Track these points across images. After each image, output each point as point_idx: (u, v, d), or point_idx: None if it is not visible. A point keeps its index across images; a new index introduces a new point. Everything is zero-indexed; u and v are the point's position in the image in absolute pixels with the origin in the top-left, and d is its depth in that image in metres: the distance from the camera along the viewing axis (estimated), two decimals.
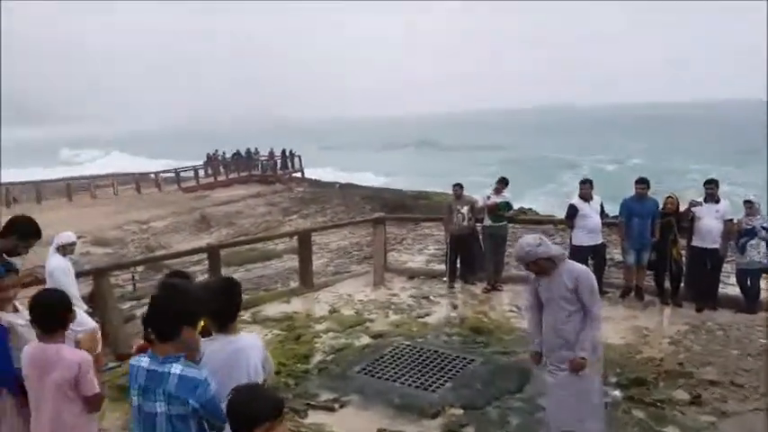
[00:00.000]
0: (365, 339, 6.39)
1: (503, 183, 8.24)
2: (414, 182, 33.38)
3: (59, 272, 5.29)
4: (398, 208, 18.60)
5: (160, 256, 11.91)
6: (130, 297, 10.32)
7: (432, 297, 7.95)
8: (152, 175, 30.39)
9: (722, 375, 5.15)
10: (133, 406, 2.26)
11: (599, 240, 7.49)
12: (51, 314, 2.78)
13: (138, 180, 28.75)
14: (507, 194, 8.26)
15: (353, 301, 7.84)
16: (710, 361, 5.49)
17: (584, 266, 3.93)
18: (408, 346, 6.06)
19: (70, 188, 26.05)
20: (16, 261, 3.65)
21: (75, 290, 5.47)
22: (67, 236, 5.63)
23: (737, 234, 6.74)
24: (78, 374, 2.73)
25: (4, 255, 3.64)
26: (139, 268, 12.14)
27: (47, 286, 4.87)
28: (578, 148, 56.91)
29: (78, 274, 5.83)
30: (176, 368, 2.12)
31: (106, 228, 19.14)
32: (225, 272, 8.73)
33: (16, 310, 3.17)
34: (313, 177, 31.99)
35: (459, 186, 8.40)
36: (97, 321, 5.60)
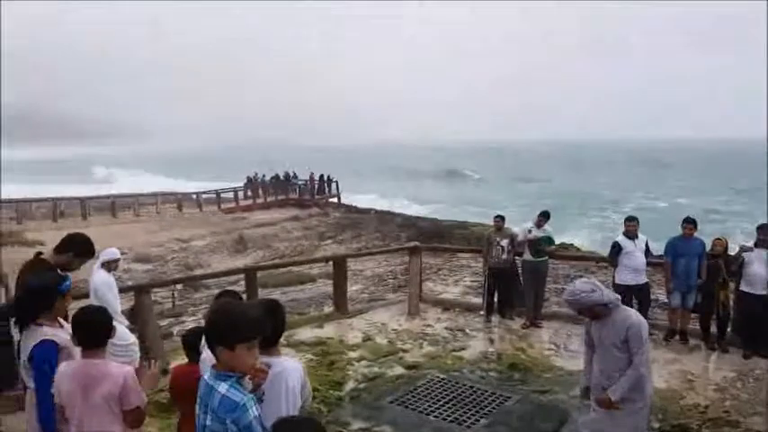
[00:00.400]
0: (399, 369, 6.33)
1: (544, 216, 8.11)
2: (449, 211, 33.31)
3: (104, 287, 5.40)
4: (435, 237, 18.56)
5: (199, 276, 12.16)
6: (168, 314, 10.53)
7: (468, 330, 7.83)
8: (194, 196, 31.20)
9: None
10: (196, 414, 2.32)
11: (643, 280, 7.27)
12: (94, 331, 2.83)
13: (181, 200, 29.55)
14: (549, 228, 8.13)
15: (387, 330, 7.80)
16: (758, 410, 5.24)
17: (639, 315, 3.80)
18: (443, 379, 5.97)
19: (115, 205, 26.90)
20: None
21: (118, 305, 5.60)
22: (112, 252, 5.73)
23: None
24: (124, 387, 2.76)
25: (60, 270, 3.75)
26: (178, 286, 12.41)
27: (90, 301, 5.02)
28: (619, 184, 55.88)
29: (120, 290, 5.94)
30: (222, 387, 2.13)
31: (148, 245, 19.68)
32: (261, 294, 8.83)
33: (60, 326, 3.20)
34: (349, 203, 32.29)
35: (500, 218, 8.30)
36: (137, 337, 5.70)
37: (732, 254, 6.85)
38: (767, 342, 6.64)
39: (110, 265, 5.66)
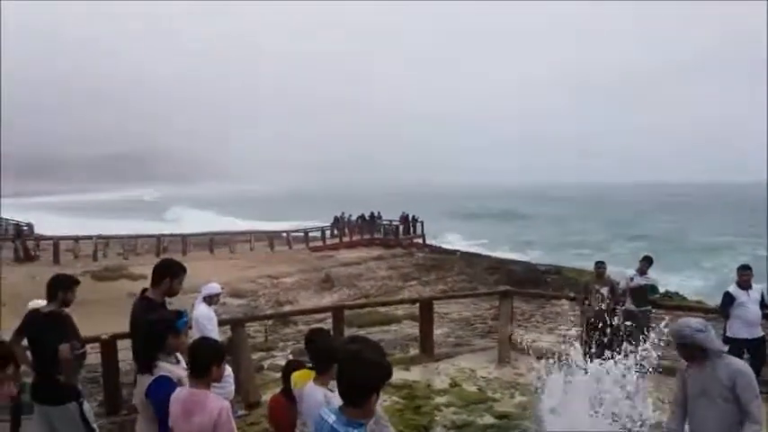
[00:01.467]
0: (489, 419, 6.15)
1: (647, 261, 7.70)
2: (536, 255, 32.28)
3: (205, 320, 5.70)
4: (525, 282, 17.99)
5: (289, 312, 12.57)
6: (260, 348, 10.89)
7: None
8: (284, 234, 32.54)
9: None
10: None
11: (758, 334, 6.68)
12: (204, 362, 2.98)
13: (272, 237, 30.90)
14: (653, 276, 7.68)
15: (476, 377, 7.60)
16: None
17: (742, 361, 3.62)
18: (536, 430, 5.69)
19: (213, 242, 28.57)
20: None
21: (217, 337, 5.87)
22: (214, 287, 6.08)
23: None
24: (218, 422, 2.87)
25: (167, 297, 3.94)
26: (269, 321, 12.85)
27: (192, 333, 5.28)
28: (712, 228, 51.70)
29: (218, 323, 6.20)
30: None
31: (241, 281, 20.64)
32: (347, 332, 8.94)
33: (177, 361, 3.36)
34: (434, 244, 32.24)
35: (602, 264, 7.96)
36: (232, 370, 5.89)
37: None
38: None
39: (211, 300, 5.99)
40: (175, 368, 3.27)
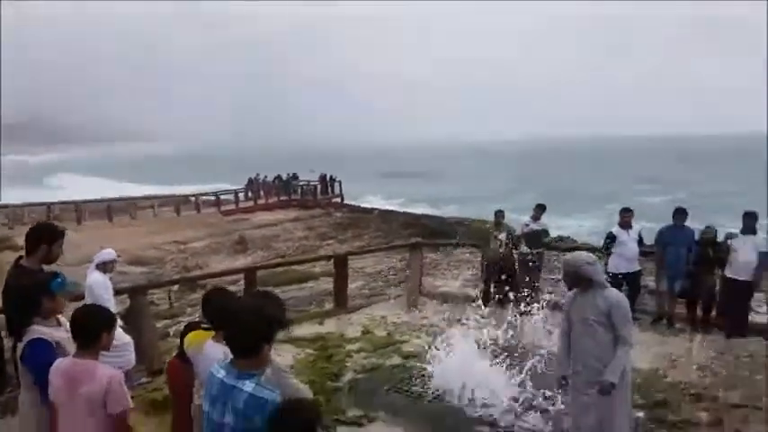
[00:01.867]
0: (396, 359, 6.51)
1: (540, 209, 8.31)
2: (450, 210, 33.42)
3: (100, 288, 5.36)
4: (437, 234, 18.68)
5: (196, 276, 12.25)
6: (165, 315, 10.62)
7: (464, 321, 8.00)
8: (192, 198, 31.31)
9: (746, 399, 5.16)
10: (203, 411, 2.34)
11: (635, 268, 7.50)
12: (90, 330, 2.78)
13: (178, 202, 29.62)
14: (545, 221, 8.33)
15: (387, 323, 7.98)
16: (735, 386, 5.48)
17: (620, 293, 4.03)
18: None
19: (111, 209, 26.72)
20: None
21: (113, 306, 5.56)
22: (108, 253, 5.69)
23: None
24: (109, 389, 2.70)
25: (45, 265, 3.58)
26: (175, 287, 12.51)
27: (86, 301, 4.89)
28: (620, 178, 55.96)
29: (115, 292, 5.90)
30: (248, 386, 2.16)
31: (144, 248, 19.71)
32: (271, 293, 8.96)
33: (59, 324, 3.13)
34: (353, 203, 32.43)
35: (500, 213, 8.50)
36: (132, 338, 5.68)
37: (719, 241, 7.04)
38: (747, 323, 6.87)
39: (105, 267, 5.58)
40: (53, 330, 3.06)
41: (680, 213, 7.31)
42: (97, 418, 2.69)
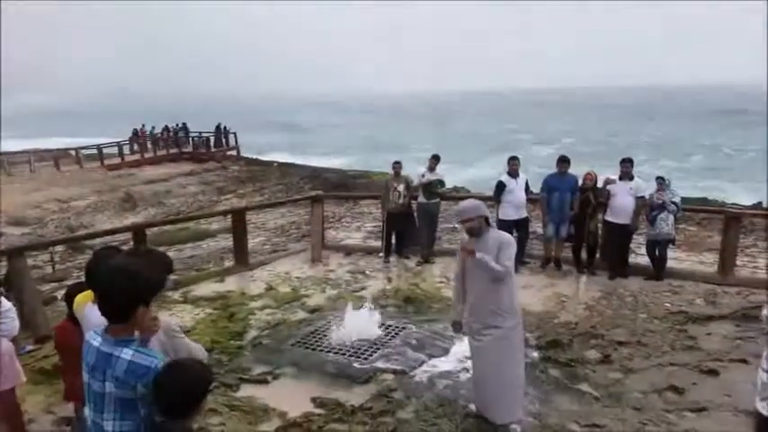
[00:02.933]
0: (301, 314, 6.49)
1: (435, 159, 8.48)
2: (354, 161, 33.36)
3: None
4: (339, 187, 18.64)
5: (81, 236, 11.35)
6: (50, 278, 9.85)
7: (368, 272, 8.13)
8: (72, 152, 28.57)
9: (630, 336, 5.64)
10: (84, 381, 2.20)
11: (523, 215, 7.90)
12: None
13: (58, 157, 26.97)
14: (440, 172, 8.52)
15: (290, 278, 7.89)
16: (620, 324, 5.99)
17: (507, 234, 4.30)
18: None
19: None
20: None
21: None
22: None
23: (649, 208, 7.28)
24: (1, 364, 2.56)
25: None
26: (59, 248, 11.57)
27: None
28: (512, 129, 58.67)
29: None
30: (126, 353, 2.03)
31: (22, 207, 17.97)
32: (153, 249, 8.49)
33: None
34: (250, 156, 31.20)
35: (397, 164, 8.55)
36: (14, 304, 5.33)
37: (599, 187, 7.59)
38: (627, 264, 7.57)
39: None
40: None
41: (563, 161, 7.76)
42: None
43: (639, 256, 8.03)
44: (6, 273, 6.28)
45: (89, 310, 2.85)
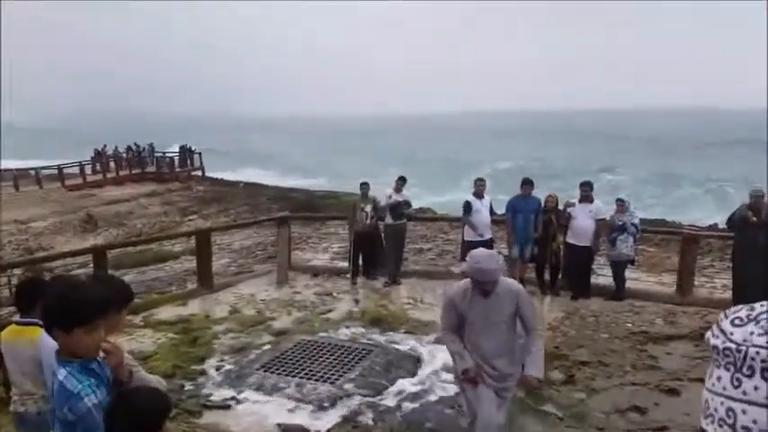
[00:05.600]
0: (266, 338, 6.38)
1: (402, 181, 8.55)
2: (323, 183, 33.28)
3: None
4: (306, 208, 18.52)
5: (40, 258, 10.99)
6: (7, 302, 9.45)
7: (335, 293, 8.07)
8: (31, 172, 27.74)
9: (593, 356, 5.72)
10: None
11: (488, 236, 8.00)
12: None
13: (16, 177, 26.14)
14: (406, 193, 8.59)
15: (255, 301, 7.77)
16: (583, 344, 6.08)
17: (514, 280, 3.82)
18: (310, 341, 6.13)
19: None
20: None
21: None
22: None
23: (609, 229, 7.46)
24: None
25: None
26: (16, 271, 11.11)
27: None
28: (479, 152, 59.61)
29: None
30: (61, 374, 1.98)
31: None
32: (117, 276, 8.25)
33: None
34: (214, 176, 30.85)
35: (365, 185, 8.57)
36: None
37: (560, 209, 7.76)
38: (589, 285, 7.72)
39: None
40: None
41: (527, 184, 7.92)
42: None
43: (601, 276, 8.19)
44: None
45: (45, 338, 2.77)
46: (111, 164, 29.69)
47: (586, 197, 7.55)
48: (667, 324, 6.68)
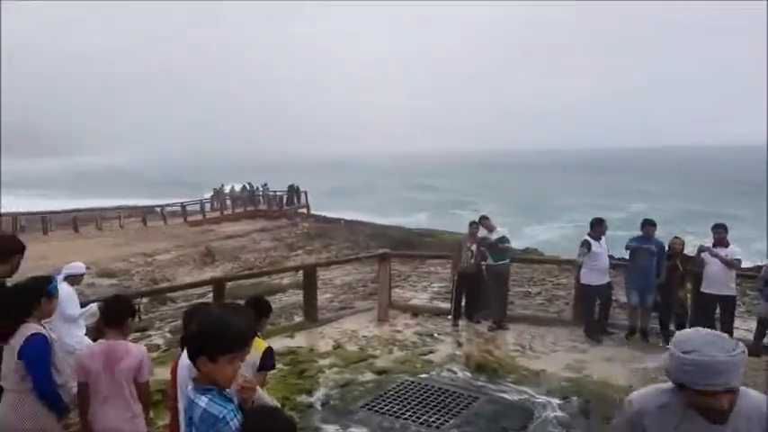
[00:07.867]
0: (369, 375, 6.36)
1: (486, 219, 8.27)
2: (415, 221, 33.50)
3: (65, 299, 5.15)
4: (404, 245, 18.65)
5: (165, 288, 11.94)
6: (135, 329, 10.30)
7: (436, 334, 7.92)
8: (158, 209, 30.62)
9: None
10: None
11: (606, 280, 7.50)
12: (120, 314, 3.48)
13: (145, 213, 28.98)
14: (501, 229, 8.32)
15: (358, 337, 7.83)
16: None
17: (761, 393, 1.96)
18: (413, 382, 6.03)
19: (77, 220, 26.27)
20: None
21: (78, 311, 5.47)
22: (77, 266, 5.60)
23: (762, 282, 6.62)
24: (143, 362, 3.42)
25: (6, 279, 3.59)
26: (144, 299, 12.13)
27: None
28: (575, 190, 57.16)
29: (83, 305, 5.77)
30: (203, 401, 2.09)
31: (112, 260, 19.21)
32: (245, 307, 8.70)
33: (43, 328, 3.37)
34: (319, 214, 32.13)
35: (475, 224, 8.40)
36: None
37: (687, 253, 7.13)
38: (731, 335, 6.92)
39: (74, 280, 5.53)
40: (45, 332, 3.28)
41: (648, 224, 7.38)
42: (132, 386, 3.39)
43: (738, 329, 7.35)
44: (97, 323, 6.52)
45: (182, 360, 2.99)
46: (228, 202, 32.05)
47: (720, 241, 6.88)
48: None
